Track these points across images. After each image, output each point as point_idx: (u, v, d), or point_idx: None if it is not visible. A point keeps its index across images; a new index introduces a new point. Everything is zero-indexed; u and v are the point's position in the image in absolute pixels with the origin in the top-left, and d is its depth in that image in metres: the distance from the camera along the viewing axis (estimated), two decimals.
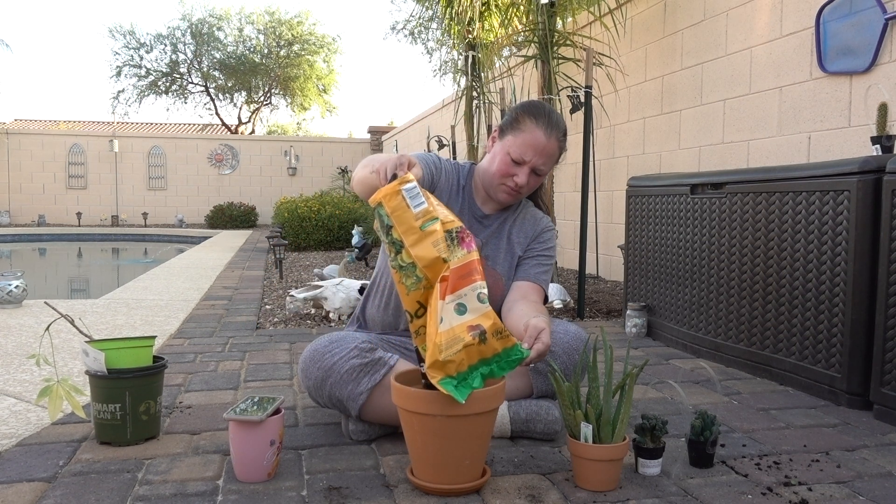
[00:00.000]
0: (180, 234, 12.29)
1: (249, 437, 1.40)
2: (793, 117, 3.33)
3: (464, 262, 1.33)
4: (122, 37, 18.92)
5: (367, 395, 1.58)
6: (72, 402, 1.53)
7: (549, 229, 1.87)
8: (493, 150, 1.77)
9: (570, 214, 5.90)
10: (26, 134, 14.32)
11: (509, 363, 1.34)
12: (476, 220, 1.82)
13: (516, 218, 1.85)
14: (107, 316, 3.47)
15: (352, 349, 1.61)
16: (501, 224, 1.83)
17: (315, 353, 1.63)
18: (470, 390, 1.29)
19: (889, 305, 1.86)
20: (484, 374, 1.31)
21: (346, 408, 1.62)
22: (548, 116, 1.70)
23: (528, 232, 1.85)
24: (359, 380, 1.58)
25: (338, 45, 20.19)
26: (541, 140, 1.68)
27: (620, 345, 2.86)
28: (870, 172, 1.93)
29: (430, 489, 1.35)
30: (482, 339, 1.30)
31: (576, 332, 1.73)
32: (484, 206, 1.83)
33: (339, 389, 1.59)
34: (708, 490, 1.40)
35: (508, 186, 1.73)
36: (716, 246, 2.56)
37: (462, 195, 1.82)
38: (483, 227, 1.82)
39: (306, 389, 1.67)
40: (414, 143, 12.12)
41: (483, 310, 1.32)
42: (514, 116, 1.74)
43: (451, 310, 1.30)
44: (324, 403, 1.66)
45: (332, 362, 1.60)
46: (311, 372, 1.62)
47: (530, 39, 4.24)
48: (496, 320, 1.33)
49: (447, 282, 1.30)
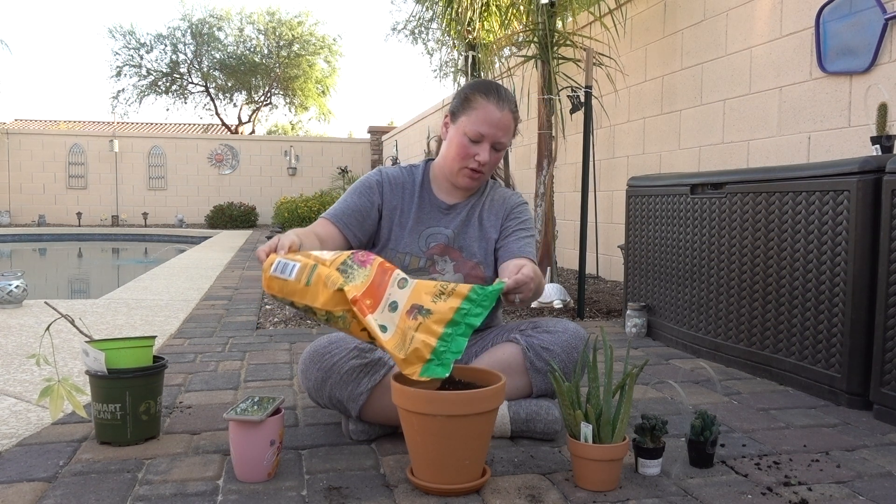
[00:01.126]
0: (180, 234, 12.29)
1: (249, 436, 1.40)
2: (793, 117, 3.33)
3: (369, 278, 1.36)
4: (122, 37, 18.93)
5: (367, 396, 1.58)
6: (73, 401, 1.53)
7: (519, 204, 1.86)
8: (448, 136, 1.78)
9: (570, 214, 5.90)
10: (26, 134, 14.32)
11: (487, 297, 1.36)
12: (441, 212, 1.82)
13: (484, 202, 1.85)
14: (107, 316, 3.47)
15: (351, 349, 1.61)
16: (470, 211, 1.82)
17: (315, 354, 1.63)
18: (456, 355, 1.32)
19: (889, 305, 1.86)
20: (462, 332, 1.34)
21: (346, 408, 1.62)
22: (496, 90, 1.72)
23: (499, 212, 1.84)
24: (359, 380, 1.58)
25: (338, 47, 20.21)
26: (495, 114, 1.69)
27: (620, 345, 2.86)
28: (870, 172, 1.93)
29: (430, 489, 1.35)
30: (425, 313, 1.33)
31: (574, 331, 1.72)
32: (448, 197, 1.83)
33: (339, 390, 1.59)
34: (708, 490, 1.40)
35: (470, 169, 1.73)
36: (716, 246, 2.56)
37: (420, 194, 1.82)
38: (450, 217, 1.81)
39: (306, 390, 1.67)
40: (414, 143, 12.12)
41: (409, 291, 1.36)
42: (463, 97, 1.75)
43: (386, 317, 1.33)
44: (324, 404, 1.66)
45: (332, 363, 1.60)
46: (311, 373, 1.62)
47: (530, 40, 4.24)
48: (429, 284, 1.37)
49: (359, 302, 1.32)
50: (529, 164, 6.54)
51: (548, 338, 1.68)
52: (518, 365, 1.67)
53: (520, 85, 6.14)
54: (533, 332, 1.71)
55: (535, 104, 5.65)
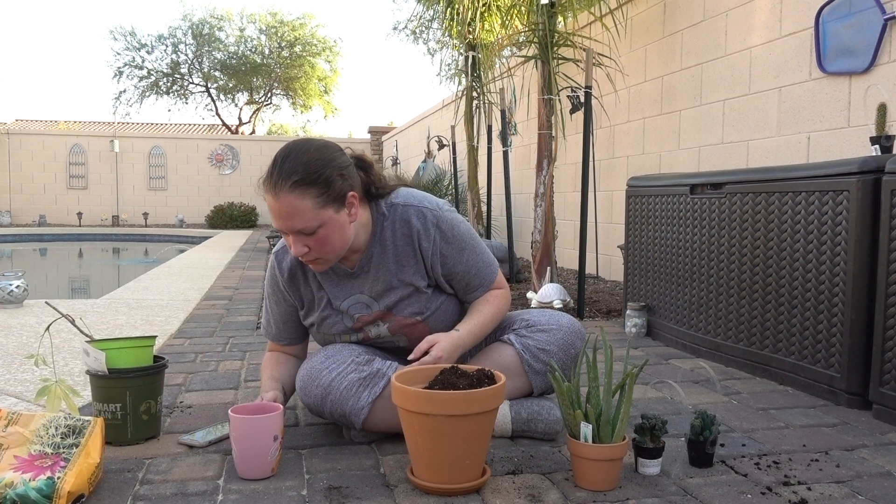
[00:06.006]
0: (181, 234, 12.29)
1: (253, 432, 1.40)
2: (792, 117, 3.33)
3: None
4: (123, 38, 18.94)
5: (368, 409, 1.56)
6: (69, 402, 1.53)
7: (424, 231, 1.60)
8: None
9: (570, 214, 5.91)
10: (27, 134, 14.32)
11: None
12: (346, 279, 1.65)
13: (388, 246, 1.62)
14: (107, 316, 3.48)
15: (349, 364, 1.58)
16: (377, 265, 1.63)
17: (312, 371, 1.60)
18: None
19: (888, 305, 1.86)
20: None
21: (349, 421, 1.59)
22: (270, 173, 1.47)
23: (407, 247, 1.62)
24: (359, 394, 1.56)
25: (339, 49, 20.21)
26: (272, 205, 1.46)
27: (620, 345, 2.86)
28: (869, 172, 1.93)
29: (430, 489, 1.36)
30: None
31: (569, 326, 1.68)
32: (345, 262, 1.64)
33: (341, 406, 1.57)
34: (707, 490, 1.40)
35: (305, 261, 1.55)
36: (715, 246, 2.56)
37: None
38: (360, 280, 1.65)
39: (306, 407, 1.64)
40: (414, 143, 12.12)
41: None
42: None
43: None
44: (326, 419, 1.65)
45: (331, 379, 1.57)
46: (311, 390, 1.59)
47: (530, 40, 4.24)
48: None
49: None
50: (529, 164, 6.54)
51: (543, 337, 1.66)
52: (516, 367, 1.66)
53: (520, 85, 6.15)
54: (527, 332, 1.68)
55: (535, 104, 5.66)
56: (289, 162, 1.46)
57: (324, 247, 1.50)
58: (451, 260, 1.64)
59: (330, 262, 1.56)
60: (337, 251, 1.53)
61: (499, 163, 6.85)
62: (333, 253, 1.53)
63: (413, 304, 1.64)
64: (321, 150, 1.50)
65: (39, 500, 1.25)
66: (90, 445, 1.37)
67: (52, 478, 1.28)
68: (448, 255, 1.63)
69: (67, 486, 1.28)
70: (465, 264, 1.66)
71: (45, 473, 1.29)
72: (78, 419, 1.40)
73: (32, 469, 1.30)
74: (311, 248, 1.50)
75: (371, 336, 1.68)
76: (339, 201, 1.50)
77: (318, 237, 1.49)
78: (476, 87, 5.70)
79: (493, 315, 1.68)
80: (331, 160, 1.49)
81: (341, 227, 1.51)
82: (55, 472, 1.30)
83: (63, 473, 1.30)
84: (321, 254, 1.52)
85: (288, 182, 1.44)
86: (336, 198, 1.48)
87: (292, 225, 1.46)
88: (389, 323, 1.67)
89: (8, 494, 1.25)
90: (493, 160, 6.09)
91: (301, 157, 1.47)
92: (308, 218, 1.46)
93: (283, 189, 1.44)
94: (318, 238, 1.49)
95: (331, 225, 1.49)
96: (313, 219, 1.46)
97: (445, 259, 1.63)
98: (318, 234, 1.48)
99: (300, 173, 1.45)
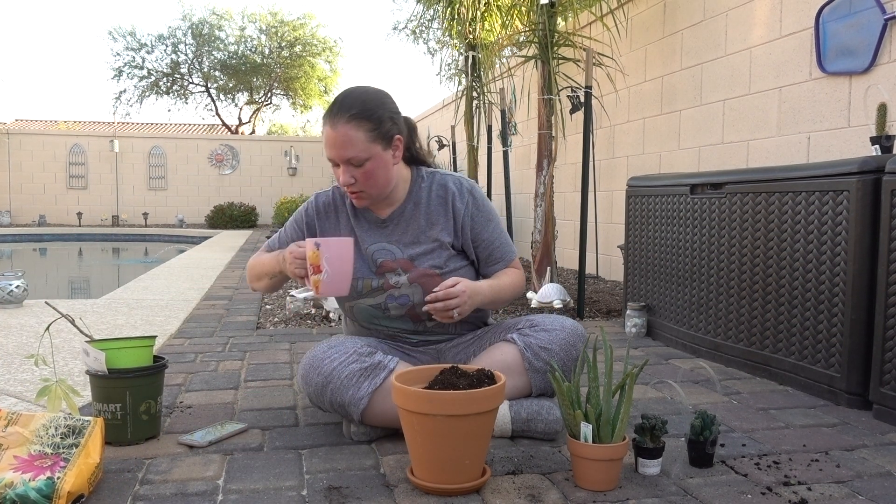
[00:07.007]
0: (181, 234, 12.30)
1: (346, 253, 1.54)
2: (792, 117, 3.33)
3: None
4: (123, 38, 18.92)
5: (368, 400, 1.58)
6: (69, 402, 1.53)
7: (459, 193, 1.76)
8: None
9: (570, 214, 5.91)
10: (27, 134, 14.33)
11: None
12: (378, 226, 1.77)
13: (422, 203, 1.76)
14: (107, 316, 3.48)
15: (351, 354, 1.61)
16: (409, 219, 1.76)
17: (314, 360, 1.63)
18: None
19: (888, 305, 1.86)
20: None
21: (348, 412, 1.61)
22: (332, 108, 1.64)
23: (441, 210, 1.76)
24: (359, 384, 1.58)
25: (339, 49, 20.20)
26: (329, 134, 1.62)
27: (620, 345, 2.86)
28: (869, 172, 1.93)
29: (430, 489, 1.36)
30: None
31: (572, 328, 1.71)
32: (381, 209, 1.77)
33: (340, 395, 1.59)
34: (708, 490, 1.40)
35: (349, 191, 1.69)
36: (715, 246, 2.56)
37: (353, 212, 1.80)
38: (389, 230, 1.77)
39: (307, 396, 1.67)
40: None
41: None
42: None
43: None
44: (325, 409, 1.66)
45: (332, 367, 1.60)
46: (312, 378, 1.62)
47: (530, 40, 4.24)
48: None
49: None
50: (529, 164, 6.54)
51: (546, 336, 1.68)
52: (517, 365, 1.67)
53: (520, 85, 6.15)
54: (530, 332, 1.70)
55: (535, 104, 5.66)
56: (349, 99, 1.63)
57: (368, 180, 1.65)
58: (479, 226, 1.77)
59: (370, 199, 1.70)
60: (379, 187, 1.68)
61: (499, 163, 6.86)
62: (376, 188, 1.67)
63: (435, 258, 1.74)
64: (377, 93, 1.69)
65: (39, 500, 1.25)
66: (90, 445, 1.37)
67: (51, 478, 1.28)
68: (477, 221, 1.77)
69: (67, 487, 1.28)
70: (491, 234, 1.79)
71: (44, 473, 1.29)
72: (78, 419, 1.40)
73: (32, 469, 1.30)
74: (357, 179, 1.64)
75: (391, 284, 1.73)
76: (387, 141, 1.65)
77: (364, 170, 1.63)
78: (476, 87, 5.70)
79: (511, 285, 1.77)
80: (384, 103, 1.67)
81: (386, 164, 1.66)
82: (55, 472, 1.30)
83: (63, 473, 1.30)
84: (365, 186, 1.66)
85: (346, 115, 1.60)
86: (384, 136, 1.64)
87: (344, 153, 1.61)
88: (409, 273, 1.73)
89: (8, 494, 1.25)
90: (493, 160, 6.09)
91: (360, 96, 1.64)
92: (359, 149, 1.61)
93: (340, 120, 1.60)
94: (365, 171, 1.63)
95: (377, 160, 1.64)
96: (363, 150, 1.61)
97: (475, 223, 1.77)
98: (365, 166, 1.63)
99: (357, 108, 1.61)
